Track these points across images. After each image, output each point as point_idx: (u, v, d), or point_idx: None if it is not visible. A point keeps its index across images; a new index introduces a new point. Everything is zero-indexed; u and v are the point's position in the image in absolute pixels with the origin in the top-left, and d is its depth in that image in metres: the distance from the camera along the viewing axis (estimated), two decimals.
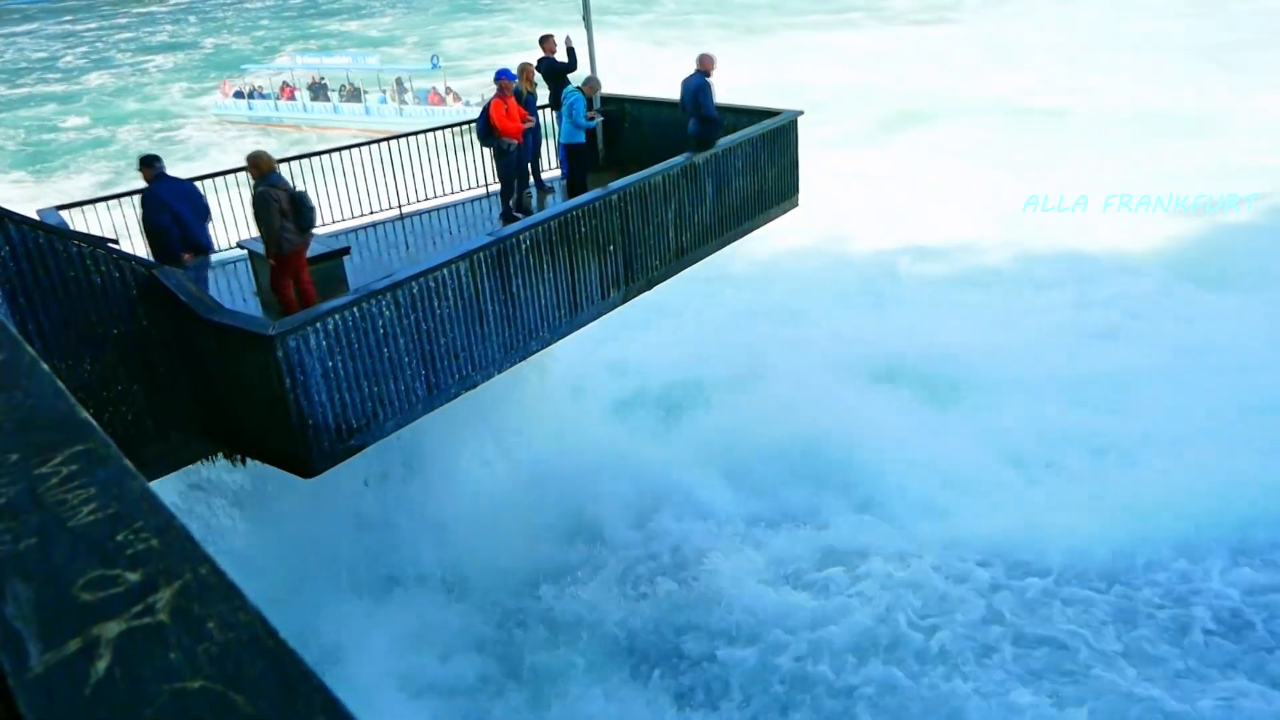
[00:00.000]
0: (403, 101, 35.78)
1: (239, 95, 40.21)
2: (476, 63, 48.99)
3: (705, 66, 12.32)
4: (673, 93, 12.70)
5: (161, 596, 0.96)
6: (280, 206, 8.79)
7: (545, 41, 13.65)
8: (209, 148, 36.08)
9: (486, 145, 12.40)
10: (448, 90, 35.60)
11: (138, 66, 65.29)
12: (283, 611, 9.01)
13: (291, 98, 38.57)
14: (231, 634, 0.90)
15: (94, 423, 1.33)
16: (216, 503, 10.56)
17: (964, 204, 24.97)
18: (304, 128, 37.22)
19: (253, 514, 10.84)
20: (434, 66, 36.89)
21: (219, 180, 11.34)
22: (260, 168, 8.98)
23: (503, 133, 11.87)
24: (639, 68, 29.70)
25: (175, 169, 10.08)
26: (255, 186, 9.01)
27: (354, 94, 37.37)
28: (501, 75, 12.19)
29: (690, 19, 66.21)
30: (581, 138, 12.79)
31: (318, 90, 38.08)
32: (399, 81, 37.07)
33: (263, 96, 39.47)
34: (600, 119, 13.75)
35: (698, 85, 12.15)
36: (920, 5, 64.39)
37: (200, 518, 10.22)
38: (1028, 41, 47.89)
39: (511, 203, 12.56)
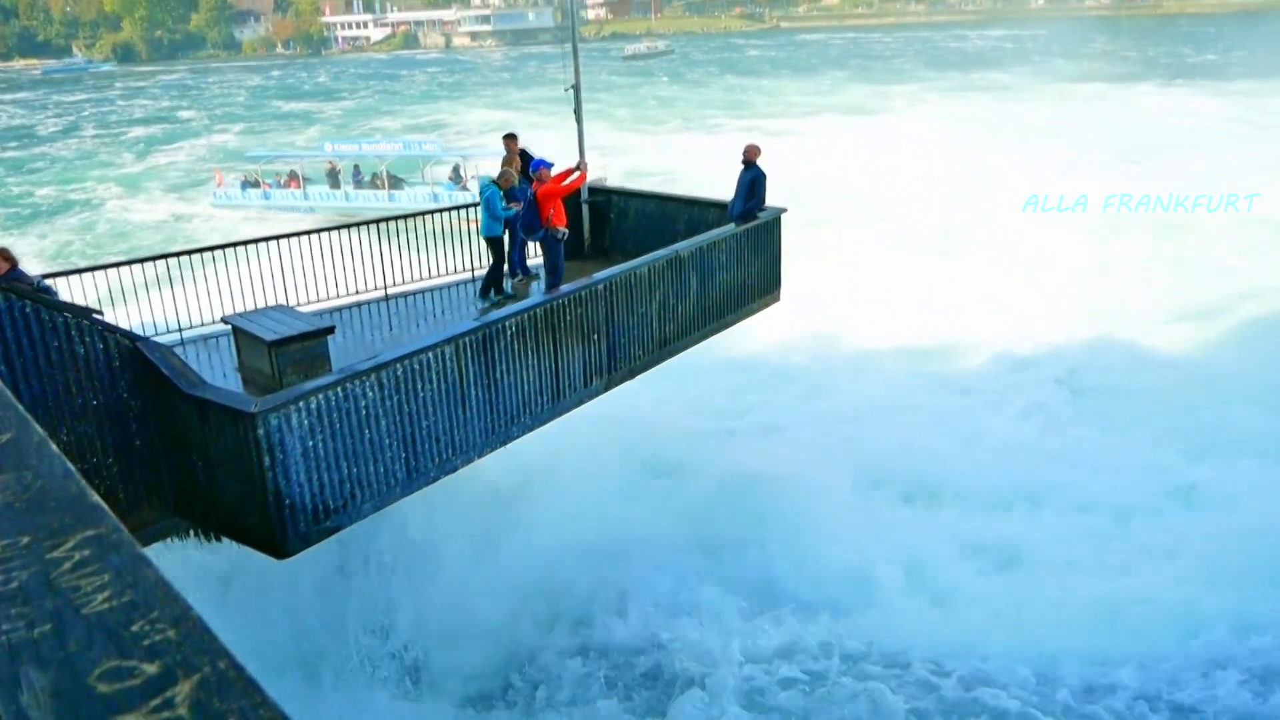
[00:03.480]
0: (464, 187, 34.24)
1: (250, 184, 38.51)
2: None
3: (752, 156, 13.28)
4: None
5: (180, 690, 0.95)
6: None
7: (510, 140, 13.79)
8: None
9: (533, 238, 12.32)
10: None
11: (106, 139, 67.19)
12: None
13: (300, 186, 37.37)
14: None
15: (105, 506, 1.33)
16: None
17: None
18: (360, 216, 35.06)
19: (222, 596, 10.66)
20: None
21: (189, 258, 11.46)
22: (5, 263, 9.27)
23: (555, 222, 11.88)
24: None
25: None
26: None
27: (393, 181, 36.25)
28: (539, 166, 12.17)
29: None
30: (499, 230, 12.56)
31: (335, 178, 36.89)
32: (457, 167, 36.10)
33: (281, 186, 38.07)
34: (518, 208, 12.83)
35: (754, 176, 13.15)
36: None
37: None
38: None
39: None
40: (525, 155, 13.58)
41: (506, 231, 12.75)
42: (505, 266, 13.04)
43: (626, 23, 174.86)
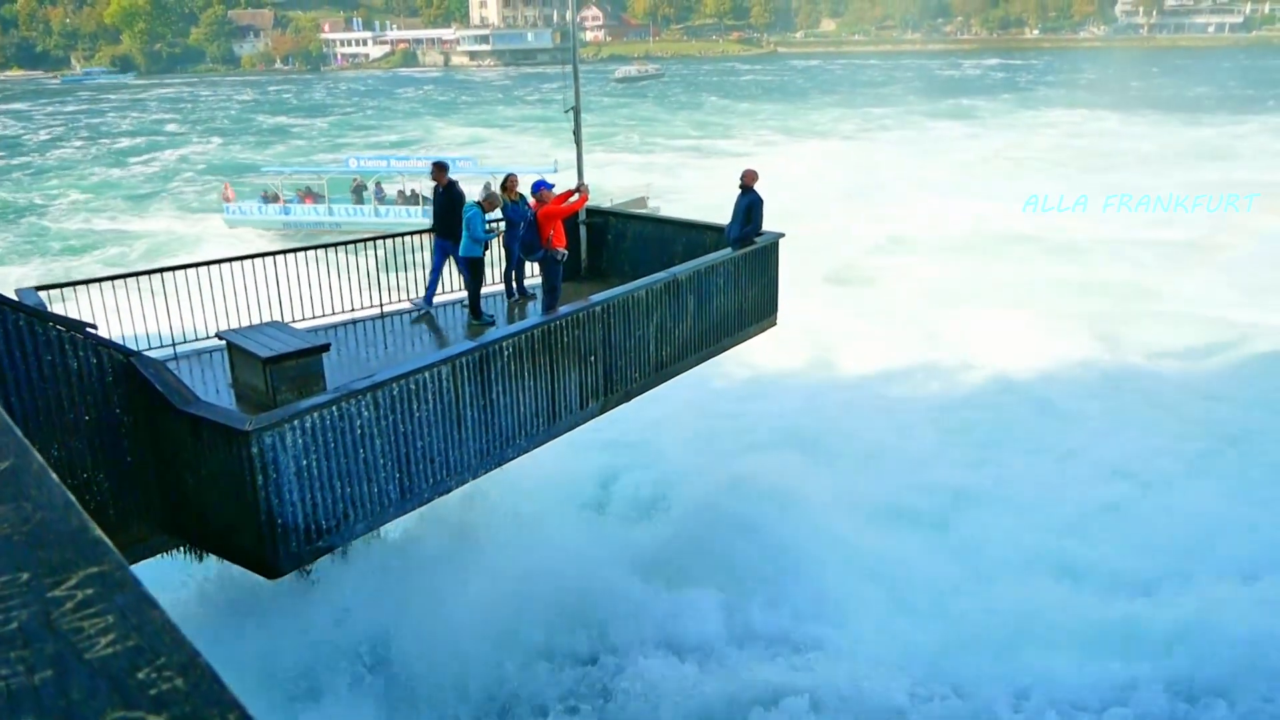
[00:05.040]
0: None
1: (268, 199, 37.29)
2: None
3: (750, 181, 13.26)
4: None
5: None
6: None
7: (438, 170, 13.28)
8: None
9: (533, 258, 12.28)
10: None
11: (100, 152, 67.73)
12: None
13: (314, 202, 36.44)
14: None
15: (108, 541, 1.27)
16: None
17: None
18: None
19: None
20: (553, 170, 33.92)
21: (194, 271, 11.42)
22: None
23: (555, 243, 11.83)
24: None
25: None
26: None
27: (424, 199, 34.90)
28: (540, 186, 12.11)
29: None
30: (479, 252, 12.43)
31: (360, 193, 35.96)
32: (488, 185, 34.00)
33: (300, 201, 36.79)
34: (500, 231, 12.97)
35: (751, 201, 13.13)
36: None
37: None
38: None
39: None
40: (453, 186, 13.15)
41: (486, 251, 12.65)
42: (502, 286, 13.01)
43: (625, 45, 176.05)
